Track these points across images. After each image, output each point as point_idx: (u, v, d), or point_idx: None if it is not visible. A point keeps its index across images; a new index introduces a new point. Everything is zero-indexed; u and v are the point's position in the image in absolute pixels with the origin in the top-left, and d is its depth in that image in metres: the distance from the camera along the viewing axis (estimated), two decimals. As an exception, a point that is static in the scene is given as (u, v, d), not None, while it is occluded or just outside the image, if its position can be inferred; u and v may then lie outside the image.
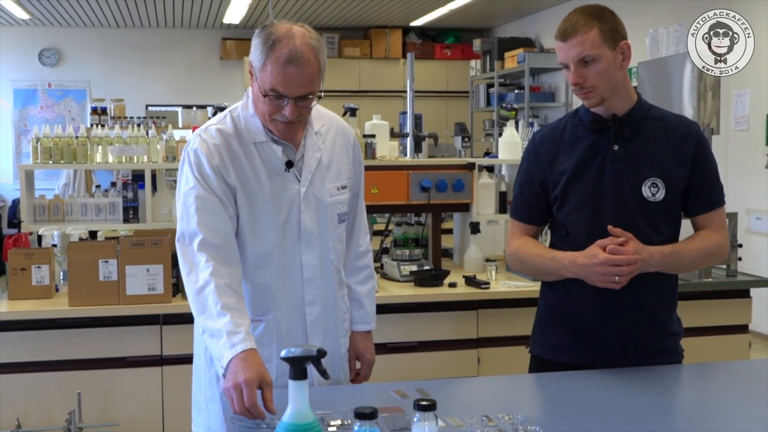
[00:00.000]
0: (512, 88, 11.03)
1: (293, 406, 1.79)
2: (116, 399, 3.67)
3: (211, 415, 2.47)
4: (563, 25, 2.46)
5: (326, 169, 2.47)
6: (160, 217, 4.20)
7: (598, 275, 2.38)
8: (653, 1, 8.59)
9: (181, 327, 3.70)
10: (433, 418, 1.84)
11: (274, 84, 2.21)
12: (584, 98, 2.48)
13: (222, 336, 2.14)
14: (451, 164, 4.53)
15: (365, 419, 1.78)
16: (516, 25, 11.64)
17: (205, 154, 2.31)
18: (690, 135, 2.50)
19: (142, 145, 4.16)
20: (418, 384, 2.39)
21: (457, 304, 3.97)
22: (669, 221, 2.50)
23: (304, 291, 2.44)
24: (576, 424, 2.03)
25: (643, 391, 2.31)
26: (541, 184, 2.59)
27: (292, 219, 2.40)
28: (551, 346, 2.63)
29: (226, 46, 12.37)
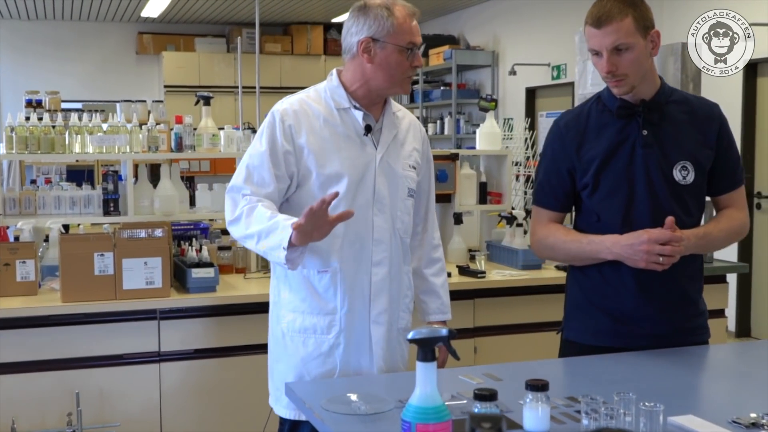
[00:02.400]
0: (437, 84, 11.12)
1: (421, 388, 1.74)
2: (112, 398, 3.51)
3: (278, 374, 2.62)
4: (597, 11, 2.45)
5: (400, 146, 2.65)
6: (141, 210, 4.04)
7: (643, 254, 2.39)
8: (584, 1, 8.78)
9: (180, 322, 3.59)
10: (545, 398, 1.83)
11: (412, 37, 2.51)
12: (615, 86, 2.49)
13: (278, 225, 2.35)
14: (435, 155, 4.50)
15: (485, 401, 1.76)
16: (439, 23, 11.73)
17: (280, 114, 2.54)
18: (714, 116, 2.57)
19: (123, 135, 4.00)
20: (485, 368, 2.39)
21: (452, 294, 3.92)
22: (697, 203, 2.56)
23: (373, 251, 2.57)
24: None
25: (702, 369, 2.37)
26: (569, 171, 2.59)
27: (367, 181, 2.55)
28: (589, 330, 2.63)
29: (143, 40, 12.06)
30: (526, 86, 9.80)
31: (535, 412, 1.83)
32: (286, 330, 2.58)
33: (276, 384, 2.63)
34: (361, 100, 2.57)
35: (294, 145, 2.51)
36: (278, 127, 2.52)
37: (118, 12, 11.19)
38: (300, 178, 2.54)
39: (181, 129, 4.11)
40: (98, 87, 11.84)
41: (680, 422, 1.92)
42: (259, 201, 2.46)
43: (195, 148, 4.12)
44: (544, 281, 4.09)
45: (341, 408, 2.03)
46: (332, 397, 2.10)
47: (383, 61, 2.51)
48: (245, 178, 2.51)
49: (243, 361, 3.63)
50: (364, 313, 2.57)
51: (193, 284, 3.63)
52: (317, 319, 2.55)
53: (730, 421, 1.93)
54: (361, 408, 2.02)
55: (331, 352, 2.55)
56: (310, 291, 2.55)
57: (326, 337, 2.55)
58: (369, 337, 2.57)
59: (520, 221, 4.31)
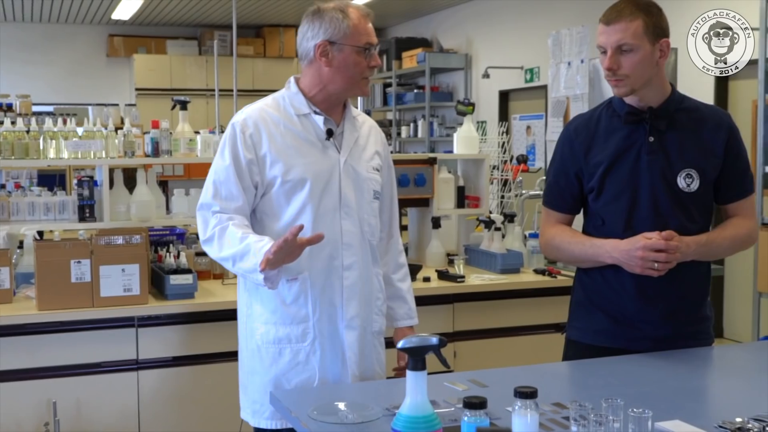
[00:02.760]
0: (410, 87, 11.13)
1: (411, 398, 1.74)
2: (90, 407, 3.46)
3: (254, 387, 2.60)
4: (610, 10, 2.51)
5: (362, 149, 2.66)
6: (117, 216, 3.99)
7: (638, 260, 2.43)
8: (555, 3, 8.82)
9: (158, 329, 3.55)
10: (534, 405, 1.83)
11: (368, 38, 2.53)
12: (615, 85, 2.53)
13: (250, 248, 2.39)
14: (413, 159, 4.53)
15: (474, 408, 1.76)
16: (412, 26, 11.74)
17: (240, 125, 2.53)
18: (723, 126, 2.58)
19: (99, 140, 3.95)
20: (470, 374, 2.38)
21: (432, 299, 3.96)
22: (702, 210, 2.58)
23: (343, 255, 2.56)
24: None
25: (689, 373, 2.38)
26: (577, 175, 2.63)
27: (332, 186, 2.55)
28: (590, 330, 2.67)
29: (114, 42, 11.96)
30: (500, 89, 9.82)
31: (524, 420, 1.82)
32: (260, 342, 2.57)
33: (253, 397, 2.61)
34: (321, 105, 2.57)
35: (257, 155, 2.52)
36: (239, 138, 2.52)
37: (88, 14, 11.09)
38: (265, 186, 2.54)
39: (158, 134, 4.07)
40: (68, 90, 11.71)
41: (667, 427, 1.93)
42: (230, 219, 2.47)
43: (172, 153, 4.08)
44: (523, 285, 4.10)
45: (329, 417, 2.01)
46: (319, 406, 2.08)
47: (341, 64, 2.51)
48: (213, 194, 2.51)
49: (222, 368, 3.60)
50: (336, 319, 2.57)
51: (172, 291, 3.60)
52: (290, 328, 2.54)
53: (716, 426, 1.94)
54: (348, 417, 2.01)
55: (308, 359, 2.55)
56: (280, 301, 2.54)
57: (302, 346, 2.54)
58: (342, 342, 2.57)
59: (498, 225, 4.31)
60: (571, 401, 2.08)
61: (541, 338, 4.06)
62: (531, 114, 9.41)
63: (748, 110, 6.61)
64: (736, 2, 6.70)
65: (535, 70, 9.20)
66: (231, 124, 2.56)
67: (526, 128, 9.33)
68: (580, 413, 1.88)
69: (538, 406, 1.83)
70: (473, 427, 1.73)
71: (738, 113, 6.72)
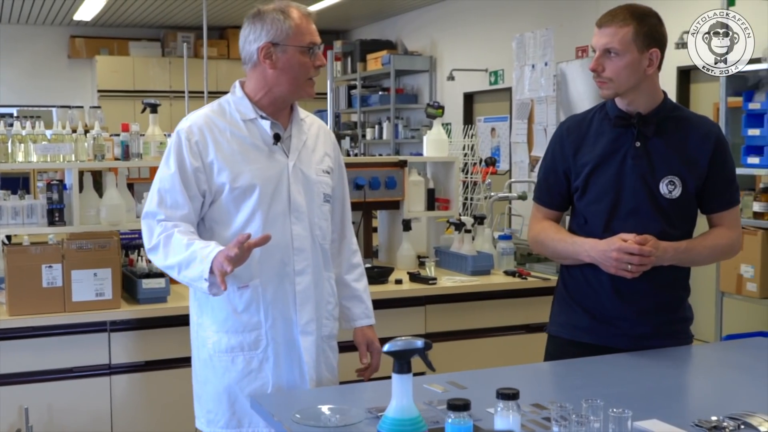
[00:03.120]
0: (375, 89, 11.15)
1: (397, 400, 1.76)
2: (62, 412, 3.45)
3: (208, 396, 2.58)
4: (606, 13, 2.57)
5: (311, 151, 2.64)
6: (87, 220, 3.96)
7: (612, 261, 2.49)
8: (519, 6, 8.90)
9: (130, 334, 3.54)
10: (516, 407, 1.86)
11: (312, 37, 2.51)
12: (599, 86, 2.60)
13: (196, 256, 2.34)
14: (383, 162, 4.55)
15: (458, 410, 1.78)
16: (376, 28, 11.76)
17: (185, 132, 2.50)
18: (710, 136, 2.63)
19: (69, 143, 3.92)
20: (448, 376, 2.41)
21: (404, 301, 3.98)
22: (684, 217, 2.63)
23: (294, 260, 2.54)
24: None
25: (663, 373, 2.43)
26: (565, 173, 2.69)
27: (281, 191, 2.52)
28: (569, 325, 2.73)
29: (75, 44, 11.82)
30: (464, 91, 9.88)
31: (507, 421, 1.85)
32: (212, 351, 2.54)
33: (207, 406, 2.58)
34: (267, 109, 2.55)
35: (203, 162, 2.48)
36: (185, 145, 2.48)
37: (49, 15, 10.96)
38: (213, 194, 2.50)
39: (128, 137, 4.04)
40: (30, 92, 11.56)
41: (645, 427, 1.97)
42: (175, 226, 2.43)
43: (142, 156, 4.07)
44: (493, 287, 4.14)
45: (312, 421, 2.03)
46: (302, 410, 2.09)
47: (286, 65, 2.49)
48: (158, 202, 2.47)
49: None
50: (290, 324, 2.55)
51: (144, 295, 3.59)
52: (243, 336, 2.52)
53: (692, 425, 1.99)
54: (331, 420, 2.03)
55: (261, 367, 2.52)
56: (231, 309, 2.51)
57: (255, 353, 2.52)
58: (298, 348, 2.55)
59: (468, 227, 4.35)
60: (550, 402, 2.13)
61: (512, 339, 4.10)
62: (495, 116, 9.49)
63: (709, 112, 6.71)
64: (604, 2, 6.81)
65: (499, 73, 9.27)
66: (176, 132, 2.52)
67: (490, 130, 9.41)
68: (561, 414, 1.92)
69: (520, 407, 1.87)
70: (457, 429, 1.76)
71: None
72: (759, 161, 5.19)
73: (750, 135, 5.31)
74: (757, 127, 5.25)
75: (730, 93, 5.39)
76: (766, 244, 5.13)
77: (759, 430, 1.95)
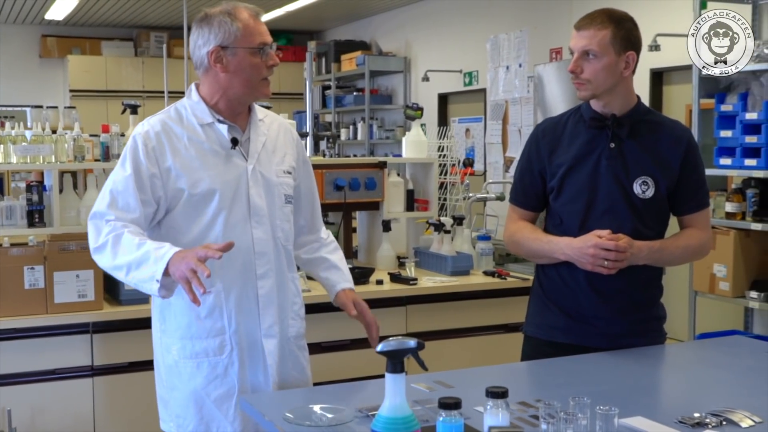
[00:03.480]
0: (349, 90, 11.17)
1: (390, 400, 1.79)
2: (45, 414, 3.45)
3: (176, 402, 2.56)
4: (584, 16, 2.63)
5: (271, 153, 2.61)
6: (68, 221, 3.96)
7: (588, 257, 2.54)
8: (493, 8, 8.96)
9: (113, 335, 3.54)
10: (505, 405, 1.89)
11: (261, 37, 2.48)
12: (577, 88, 2.65)
13: (149, 256, 2.27)
14: (363, 163, 4.58)
15: (449, 409, 1.82)
16: (349, 28, 11.78)
17: (143, 138, 2.46)
18: (682, 140, 2.70)
19: (49, 144, 3.92)
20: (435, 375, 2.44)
21: (385, 301, 4.02)
22: (657, 217, 2.69)
23: (256, 264, 2.53)
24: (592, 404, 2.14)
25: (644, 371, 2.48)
26: (540, 174, 2.74)
27: (240, 195, 2.51)
28: (545, 325, 2.77)
29: (47, 43, 11.72)
30: (439, 92, 9.93)
31: (496, 419, 1.89)
32: (177, 358, 2.52)
33: (175, 411, 2.56)
34: (224, 113, 2.52)
35: (160, 168, 2.45)
36: (141, 150, 2.44)
37: (20, 14, 10.86)
38: (170, 200, 2.47)
39: (108, 138, 4.05)
40: (1, 92, 11.46)
41: (631, 424, 2.01)
42: (125, 227, 2.37)
43: (122, 157, 4.06)
44: (473, 287, 4.19)
45: (304, 420, 2.05)
46: (293, 409, 2.12)
47: (237, 68, 2.46)
48: (109, 203, 2.41)
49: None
50: (254, 328, 2.54)
51: (126, 296, 3.59)
52: (207, 342, 2.50)
53: (676, 421, 2.03)
54: (323, 419, 2.05)
55: (227, 372, 2.51)
56: (195, 315, 2.49)
57: (219, 358, 2.51)
58: (262, 351, 2.54)
59: (447, 228, 4.39)
60: (535, 400, 2.17)
61: (492, 338, 4.15)
62: (470, 117, 9.55)
63: (682, 114, 6.81)
64: (578, 3, 6.91)
65: (474, 74, 9.33)
66: (132, 137, 2.48)
67: (465, 131, 9.47)
68: (548, 412, 1.96)
69: (508, 405, 1.91)
70: (449, 428, 1.79)
71: (672, 117, 6.93)
72: (731, 162, 5.28)
73: (722, 137, 5.40)
74: (729, 129, 5.34)
75: (703, 95, 5.47)
76: (739, 244, 5.23)
77: (740, 426, 2.00)
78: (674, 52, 6.45)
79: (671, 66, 6.73)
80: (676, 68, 6.72)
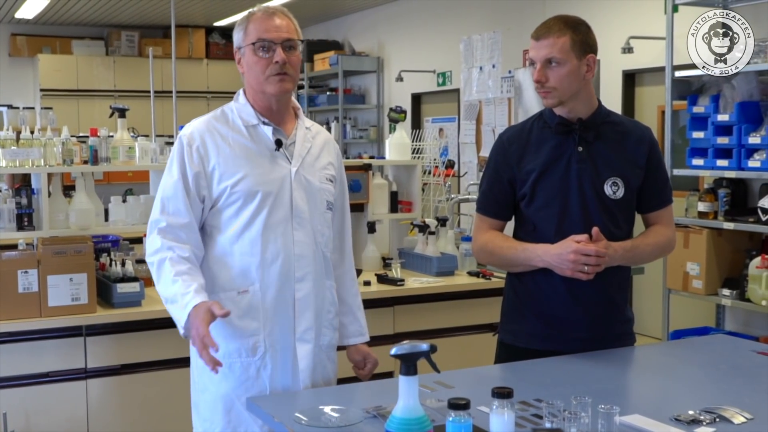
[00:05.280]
0: (323, 90, 11.21)
1: (404, 401, 1.86)
2: (39, 417, 3.47)
3: (205, 404, 2.56)
4: (541, 26, 2.68)
5: (315, 159, 2.63)
6: (57, 224, 3.97)
7: (569, 263, 2.57)
8: (466, 9, 9.04)
9: (106, 338, 3.57)
10: (510, 405, 1.97)
11: (260, 33, 2.47)
12: (543, 96, 2.69)
13: (177, 300, 2.36)
14: (348, 165, 4.61)
15: (459, 409, 1.89)
16: (322, 28, 11.81)
17: (187, 138, 2.52)
18: (645, 139, 2.78)
19: (38, 147, 3.93)
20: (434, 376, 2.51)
21: (373, 302, 4.07)
22: (626, 217, 2.76)
23: (295, 267, 2.53)
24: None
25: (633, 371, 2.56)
26: (510, 182, 2.76)
27: (283, 196, 2.52)
28: (522, 333, 2.80)
29: (17, 42, 11.65)
30: (412, 92, 10.00)
31: (502, 419, 1.96)
32: (203, 369, 2.48)
33: (204, 415, 2.56)
34: (265, 113, 2.55)
35: (204, 168, 2.49)
36: (186, 151, 2.49)
37: (-10, 13, 10.80)
38: (213, 199, 2.51)
39: (97, 141, 4.07)
40: (-33, 91, 11.38)
41: (630, 422, 2.09)
42: (170, 249, 2.42)
43: (110, 160, 4.09)
44: (459, 288, 4.26)
45: (315, 421, 2.11)
46: (304, 410, 2.17)
47: (248, 67, 2.53)
48: (161, 209, 2.49)
49: (170, 375, 3.64)
50: (289, 331, 2.53)
51: (119, 299, 3.62)
52: (241, 341, 2.49)
53: (671, 419, 2.12)
54: (333, 420, 2.11)
55: (259, 374, 2.51)
56: (231, 313, 2.43)
57: (252, 360, 2.50)
58: (294, 356, 2.54)
59: (432, 229, 4.46)
60: (534, 399, 2.25)
61: (478, 338, 4.22)
62: (443, 117, 9.64)
63: (654, 116, 6.95)
64: (551, 3, 7.03)
65: (447, 74, 9.41)
66: (178, 138, 2.54)
67: (438, 131, 9.55)
68: (551, 411, 2.04)
69: (514, 405, 1.98)
70: (459, 427, 1.86)
71: (645, 119, 7.07)
72: (703, 163, 5.42)
73: (694, 138, 5.54)
74: (701, 130, 5.48)
75: (675, 97, 5.60)
76: (711, 243, 5.37)
77: (733, 422, 2.09)
78: (647, 54, 6.59)
79: (644, 68, 6.87)
80: (649, 70, 6.85)
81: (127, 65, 11.80)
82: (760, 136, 5.05)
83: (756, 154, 5.08)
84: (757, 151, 5.07)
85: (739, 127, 5.15)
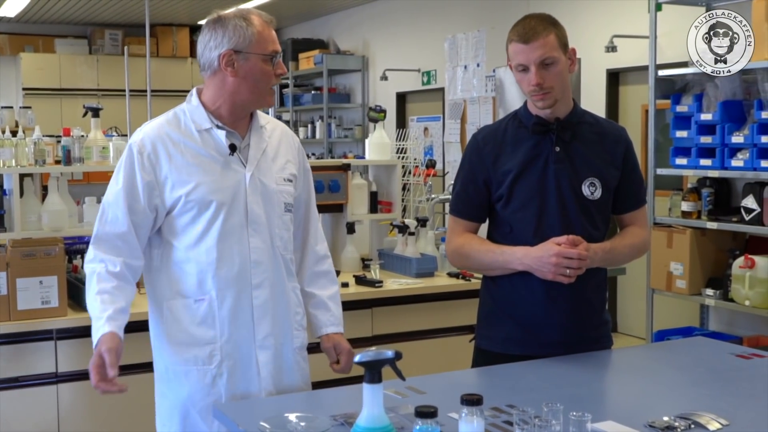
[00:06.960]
0: (308, 89, 11.16)
1: (368, 410, 1.80)
2: (9, 422, 3.40)
3: (163, 410, 2.56)
4: (522, 28, 2.59)
5: (272, 160, 2.57)
6: (29, 226, 3.91)
7: (551, 266, 2.52)
8: (451, 8, 9.00)
9: (77, 341, 3.50)
10: (479, 412, 1.92)
11: (274, 45, 2.46)
12: (541, 99, 2.61)
13: (93, 320, 2.37)
14: (327, 165, 4.58)
15: (426, 418, 1.83)
16: (308, 27, 11.76)
17: (137, 146, 2.44)
18: (621, 139, 2.74)
19: (9, 148, 3.86)
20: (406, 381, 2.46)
21: (351, 304, 4.00)
22: (603, 218, 2.72)
23: (252, 273, 2.48)
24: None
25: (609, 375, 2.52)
26: (485, 183, 2.70)
27: (238, 203, 2.47)
28: (499, 338, 2.74)
29: (-2, 40, 11.56)
30: (397, 91, 9.96)
31: (471, 426, 1.91)
32: (168, 363, 2.51)
33: (162, 420, 2.55)
34: (225, 118, 2.48)
35: (156, 176, 2.42)
36: (136, 159, 2.41)
37: (-29, 11, 10.70)
38: (167, 208, 2.44)
39: (69, 141, 4.00)
40: (-50, 90, 11.29)
41: (603, 429, 2.05)
42: (101, 262, 2.40)
43: (84, 160, 4.03)
44: (438, 289, 4.22)
45: (279, 429, 2.06)
46: (269, 418, 2.12)
47: (248, 73, 2.43)
48: (100, 216, 2.44)
49: (142, 379, 3.52)
50: (248, 339, 2.49)
51: (91, 302, 3.55)
52: (197, 350, 2.46)
53: (645, 425, 2.07)
54: (298, 428, 2.06)
55: (215, 382, 2.47)
56: (188, 321, 2.46)
57: (208, 368, 2.47)
58: (256, 363, 2.50)
59: (412, 230, 4.41)
60: (507, 405, 2.20)
61: (457, 340, 4.17)
62: (428, 116, 9.60)
63: (638, 115, 6.92)
64: (535, 3, 7.03)
65: (432, 73, 9.38)
66: (128, 146, 2.45)
67: (423, 130, 9.51)
68: (522, 418, 1.99)
69: (483, 412, 1.93)
70: (426, 436, 1.81)
71: (628, 118, 7.05)
72: (686, 162, 5.40)
73: (678, 137, 5.51)
74: (685, 129, 5.45)
75: (659, 96, 5.58)
76: (695, 243, 5.33)
77: (708, 429, 2.05)
78: (630, 53, 6.57)
79: (627, 67, 6.84)
80: (633, 69, 6.83)
81: (111, 64, 11.71)
82: (743, 136, 5.02)
83: (739, 153, 5.05)
84: (740, 151, 5.04)
85: (722, 126, 5.12)
